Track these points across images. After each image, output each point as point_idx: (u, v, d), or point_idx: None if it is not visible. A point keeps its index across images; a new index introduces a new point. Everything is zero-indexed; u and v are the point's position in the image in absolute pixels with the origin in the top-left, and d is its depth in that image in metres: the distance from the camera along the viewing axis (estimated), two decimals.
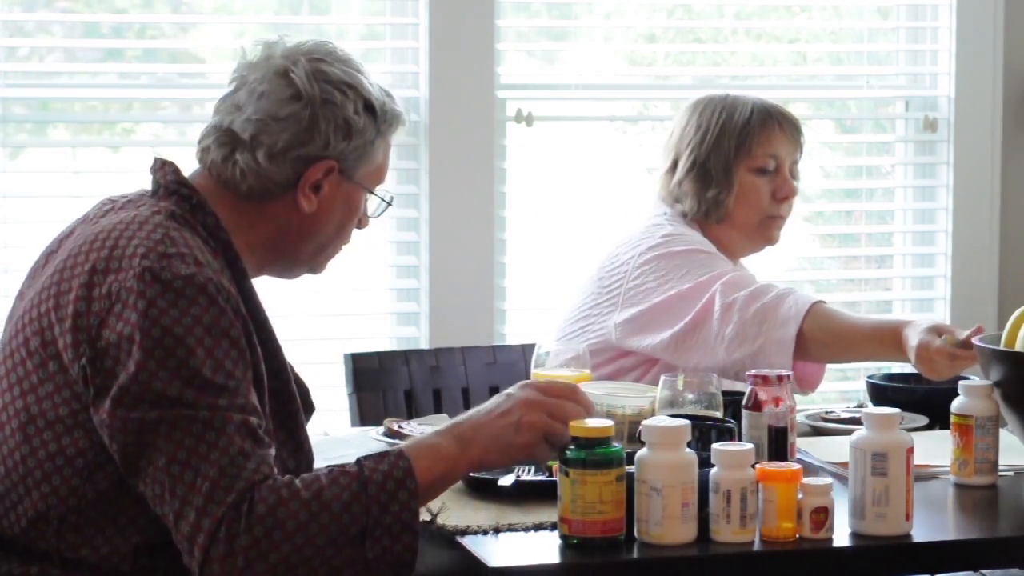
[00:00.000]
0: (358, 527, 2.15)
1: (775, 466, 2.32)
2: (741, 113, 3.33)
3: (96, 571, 2.22)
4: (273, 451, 2.22)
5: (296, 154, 2.34)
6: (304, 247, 2.43)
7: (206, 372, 2.16)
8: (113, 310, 2.18)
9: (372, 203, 2.46)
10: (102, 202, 2.41)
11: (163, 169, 2.36)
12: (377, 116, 2.39)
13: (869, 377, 3.21)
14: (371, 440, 2.81)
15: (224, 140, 2.35)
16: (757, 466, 2.30)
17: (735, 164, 3.31)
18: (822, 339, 3.06)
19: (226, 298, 2.22)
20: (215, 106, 2.40)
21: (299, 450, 2.36)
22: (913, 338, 2.92)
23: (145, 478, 2.16)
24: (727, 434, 2.49)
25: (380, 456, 2.22)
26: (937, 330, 2.91)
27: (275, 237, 2.39)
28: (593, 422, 2.27)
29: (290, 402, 2.35)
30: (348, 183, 2.39)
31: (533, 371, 2.86)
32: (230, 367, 2.19)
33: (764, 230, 3.38)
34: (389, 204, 2.48)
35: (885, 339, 3.01)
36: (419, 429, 2.80)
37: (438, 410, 3.48)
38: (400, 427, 2.82)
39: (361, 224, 2.47)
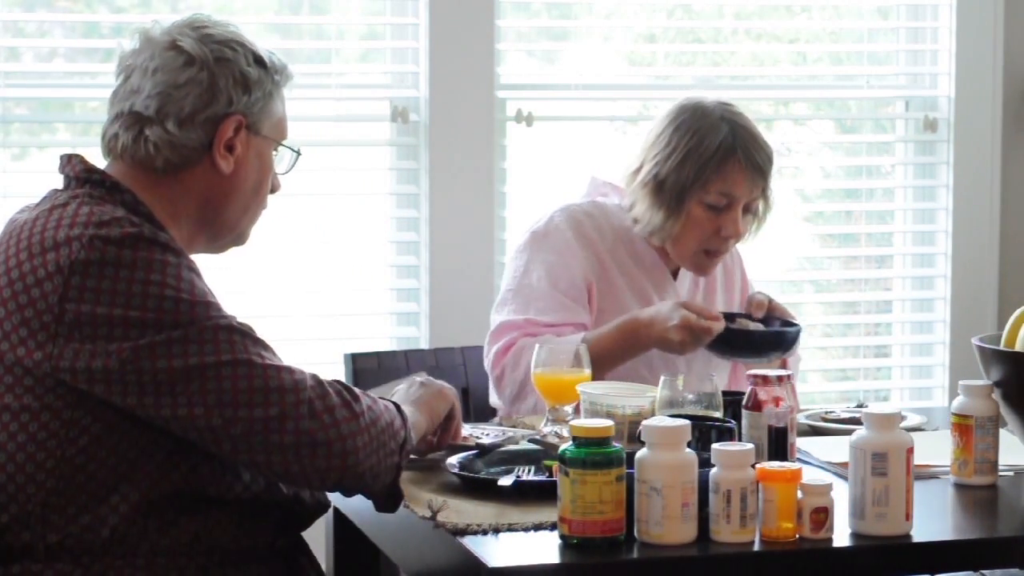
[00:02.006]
0: (399, 440, 2.37)
1: (775, 466, 2.32)
2: (709, 143, 3.24)
3: (78, 555, 2.24)
4: None
5: (204, 116, 2.38)
6: (229, 211, 2.46)
7: (195, 297, 2.24)
8: (71, 283, 2.22)
9: (281, 161, 2.51)
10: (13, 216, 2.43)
11: (70, 163, 2.39)
12: (268, 67, 2.45)
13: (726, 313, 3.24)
14: None
15: (130, 122, 2.38)
16: (757, 466, 2.30)
17: (688, 194, 3.25)
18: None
19: (174, 244, 2.29)
20: (109, 102, 2.43)
21: None
22: (672, 315, 3.13)
23: (180, 396, 2.21)
24: (727, 434, 2.49)
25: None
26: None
27: (200, 206, 2.42)
28: (593, 422, 2.27)
29: None
30: (256, 138, 2.44)
31: (533, 371, 2.86)
32: (205, 289, 2.28)
33: (697, 261, 3.33)
34: (298, 155, 2.53)
35: (627, 335, 3.19)
36: (468, 432, 2.81)
37: None
38: None
39: (274, 187, 2.52)
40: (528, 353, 3.18)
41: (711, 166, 3.23)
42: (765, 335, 3.23)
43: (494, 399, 3.33)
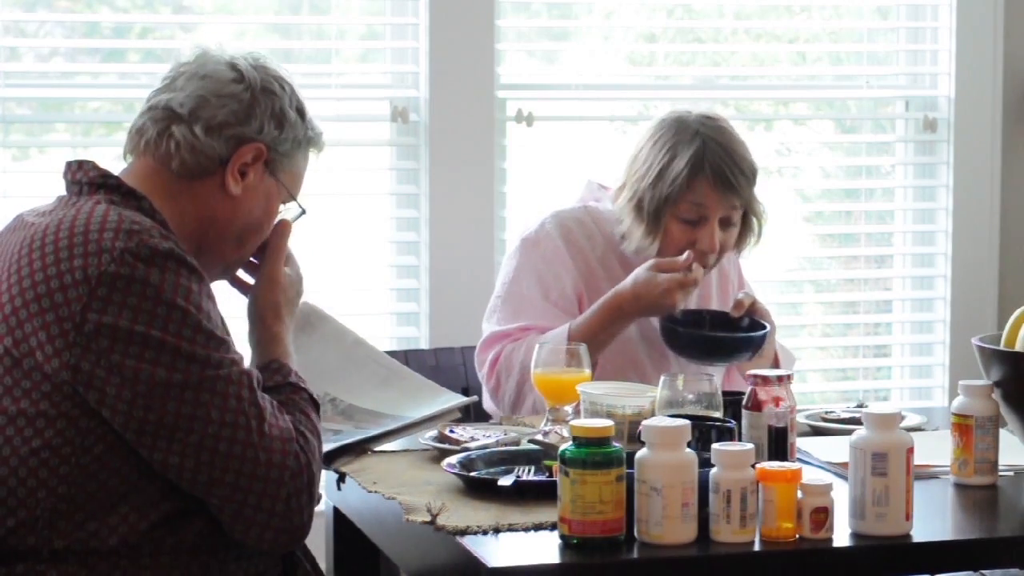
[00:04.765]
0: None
1: (775, 466, 2.32)
2: (681, 159, 3.22)
3: (83, 557, 2.25)
4: None
5: (232, 132, 2.41)
6: (227, 240, 2.46)
7: (215, 330, 2.26)
8: (97, 294, 2.21)
9: (284, 215, 2.54)
10: (17, 216, 2.42)
11: (82, 168, 2.39)
12: (305, 120, 2.50)
13: (662, 319, 3.22)
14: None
15: (160, 116, 2.40)
16: (757, 466, 2.30)
17: (663, 211, 3.24)
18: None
19: (200, 269, 2.30)
20: (147, 100, 2.45)
21: None
22: (653, 279, 3.16)
23: (188, 443, 2.22)
24: (727, 434, 2.49)
25: (299, 377, 2.44)
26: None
27: (202, 225, 2.43)
28: (593, 422, 2.27)
29: None
30: (271, 178, 2.47)
31: (533, 371, 2.86)
32: (222, 325, 2.30)
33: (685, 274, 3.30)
34: (303, 213, 2.56)
35: (610, 309, 3.20)
36: (471, 434, 2.81)
37: None
38: (451, 432, 2.83)
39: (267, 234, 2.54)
40: (518, 355, 3.19)
41: (680, 181, 3.22)
42: (728, 340, 3.22)
43: (489, 405, 3.32)
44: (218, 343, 2.25)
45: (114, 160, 2.46)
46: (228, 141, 2.40)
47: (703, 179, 3.21)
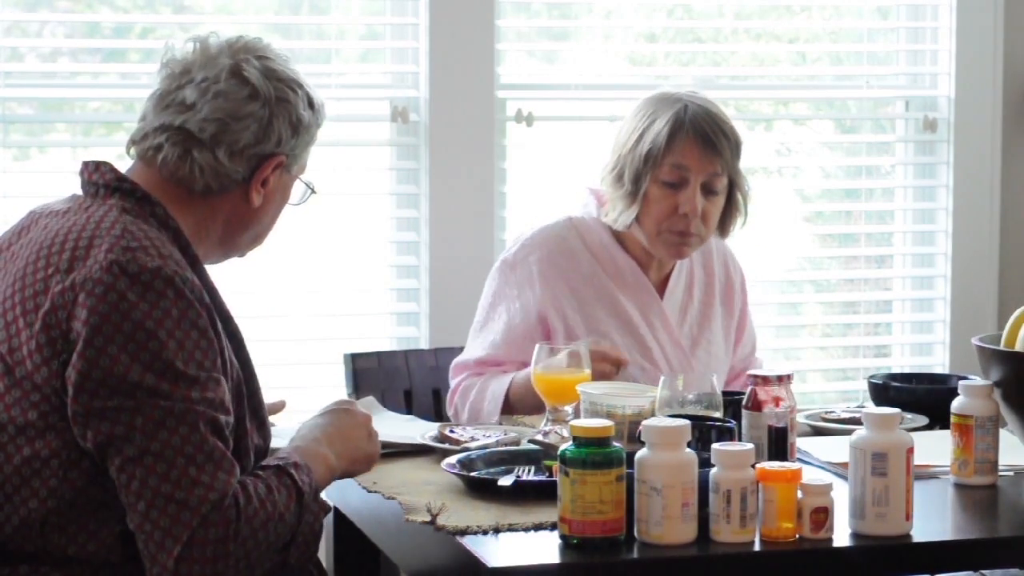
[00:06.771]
0: (289, 537, 2.28)
1: (775, 466, 2.33)
2: (662, 120, 3.19)
3: (86, 564, 2.24)
4: (230, 446, 2.28)
5: (254, 151, 2.41)
6: (244, 238, 2.49)
7: (179, 364, 2.21)
8: (78, 300, 2.21)
9: (296, 192, 2.55)
10: (31, 213, 2.42)
11: (99, 170, 2.39)
12: (315, 110, 2.48)
13: (870, 377, 3.21)
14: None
15: (178, 139, 2.38)
16: (757, 466, 2.30)
17: (644, 174, 3.20)
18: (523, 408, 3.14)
19: (191, 289, 2.26)
20: (151, 104, 2.43)
21: (262, 427, 2.42)
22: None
23: (114, 466, 2.20)
24: (727, 434, 2.49)
25: (297, 466, 2.34)
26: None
27: (221, 230, 2.44)
28: (593, 422, 2.27)
29: (251, 380, 2.40)
30: (287, 175, 2.48)
31: (533, 371, 2.86)
32: (200, 358, 2.23)
33: (667, 242, 3.24)
34: (313, 192, 2.57)
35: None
36: (471, 434, 2.81)
37: (438, 410, 3.48)
38: (452, 432, 2.83)
39: None
40: (469, 395, 3.23)
41: (659, 140, 3.18)
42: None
43: None
44: (175, 375, 2.20)
45: (115, 160, 2.46)
46: (251, 160, 2.41)
47: (684, 138, 3.18)
